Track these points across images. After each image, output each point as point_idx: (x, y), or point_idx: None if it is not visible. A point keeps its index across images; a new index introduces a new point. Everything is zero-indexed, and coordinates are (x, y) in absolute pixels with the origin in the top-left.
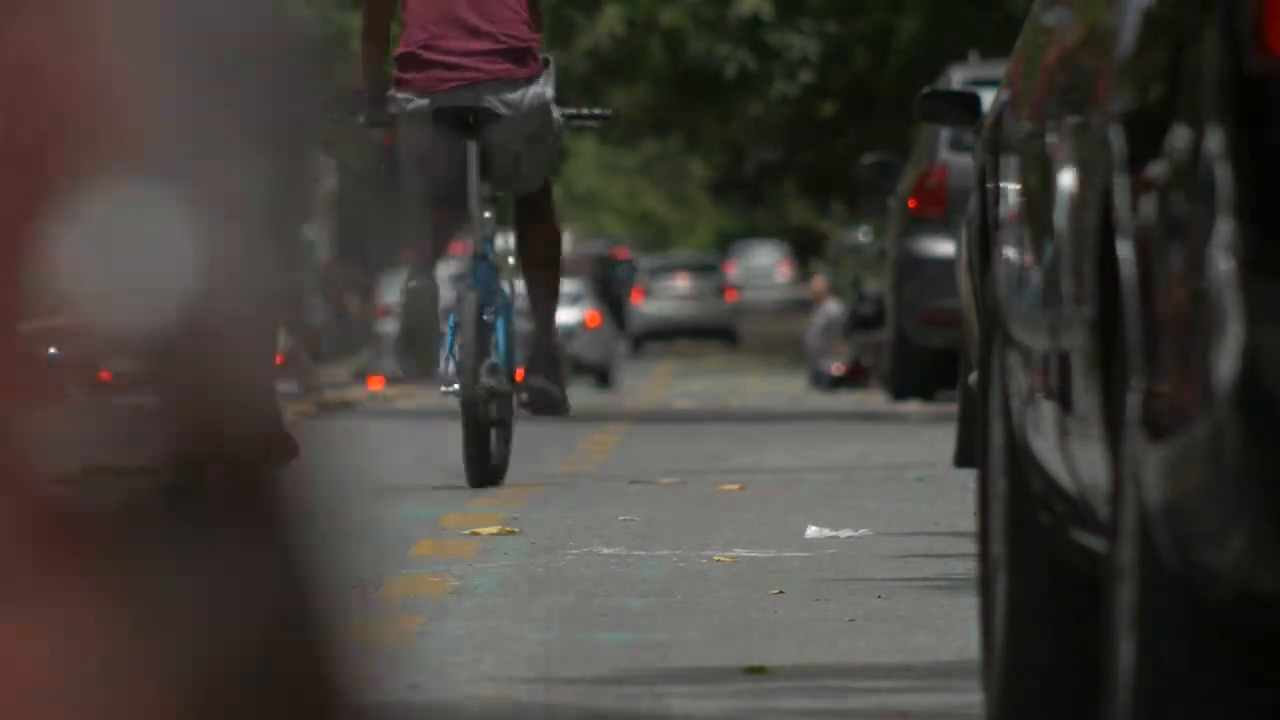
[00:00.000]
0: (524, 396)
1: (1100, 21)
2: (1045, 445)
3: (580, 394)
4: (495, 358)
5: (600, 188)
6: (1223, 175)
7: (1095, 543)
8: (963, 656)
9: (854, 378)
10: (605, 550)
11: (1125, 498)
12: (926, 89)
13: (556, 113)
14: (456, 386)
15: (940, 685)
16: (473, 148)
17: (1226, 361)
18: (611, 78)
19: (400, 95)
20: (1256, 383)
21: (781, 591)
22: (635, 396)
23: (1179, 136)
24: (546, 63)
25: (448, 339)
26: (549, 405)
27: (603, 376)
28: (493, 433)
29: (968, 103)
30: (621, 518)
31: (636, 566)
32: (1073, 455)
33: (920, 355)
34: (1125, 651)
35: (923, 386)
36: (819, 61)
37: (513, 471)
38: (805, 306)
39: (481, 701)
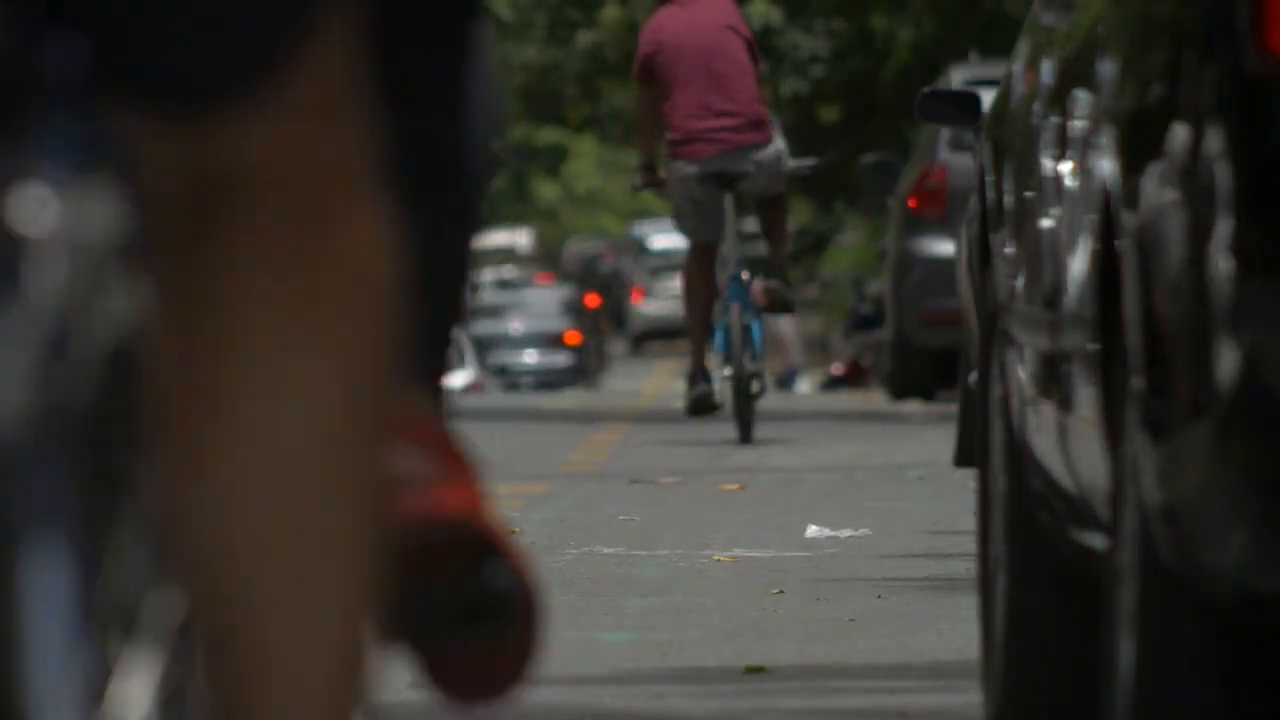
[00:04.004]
0: (764, 296)
1: (1100, 21)
2: (1045, 445)
3: (579, 395)
4: (753, 350)
5: (600, 187)
6: (1223, 175)
7: (1095, 543)
8: (963, 656)
9: (854, 378)
10: (605, 550)
11: (1125, 498)
12: (926, 89)
13: (786, 158)
14: (728, 370)
15: (940, 685)
16: (729, 199)
17: (1226, 361)
18: (612, 77)
19: (675, 163)
20: (1256, 383)
21: (781, 591)
22: (635, 396)
23: (1179, 136)
24: (773, 123)
25: (719, 338)
26: (784, 304)
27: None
28: (752, 403)
29: (968, 103)
30: (621, 518)
31: (636, 566)
32: (1073, 455)
33: (920, 355)
34: (1125, 651)
35: (923, 386)
36: (829, 58)
37: (513, 471)
38: (806, 306)
39: None
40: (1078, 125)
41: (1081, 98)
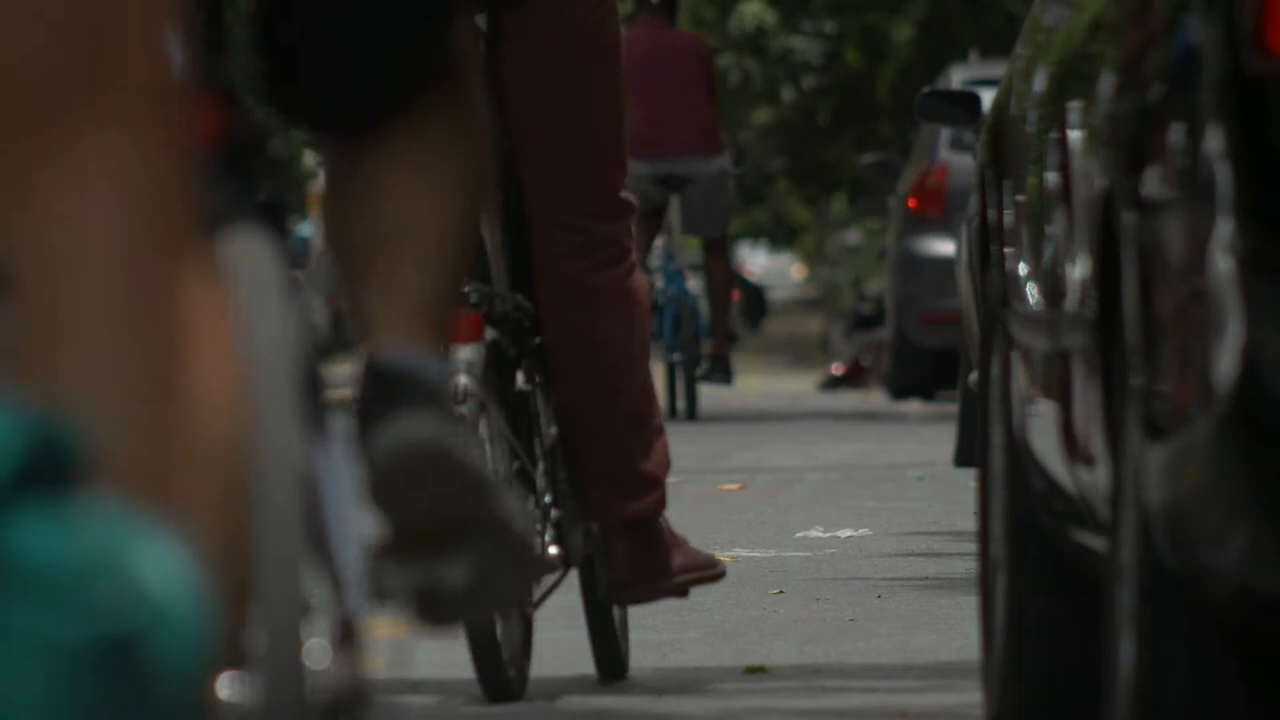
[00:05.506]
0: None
1: (1100, 21)
2: (1045, 445)
3: None
4: (699, 336)
5: None
6: (1223, 175)
7: (1095, 543)
8: (963, 656)
9: (854, 377)
10: None
11: (1125, 498)
12: (926, 89)
13: (730, 174)
14: (678, 355)
15: (940, 685)
16: (675, 200)
17: (1226, 361)
18: None
19: (629, 161)
20: (1256, 383)
21: (781, 591)
22: None
23: (1179, 136)
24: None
25: (667, 323)
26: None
27: None
28: (697, 385)
29: (968, 103)
30: None
31: None
32: (1073, 455)
33: (920, 355)
34: (1125, 651)
35: (923, 386)
36: (822, 64)
37: None
38: (808, 305)
39: (482, 702)
40: (1078, 125)
41: (1081, 98)
